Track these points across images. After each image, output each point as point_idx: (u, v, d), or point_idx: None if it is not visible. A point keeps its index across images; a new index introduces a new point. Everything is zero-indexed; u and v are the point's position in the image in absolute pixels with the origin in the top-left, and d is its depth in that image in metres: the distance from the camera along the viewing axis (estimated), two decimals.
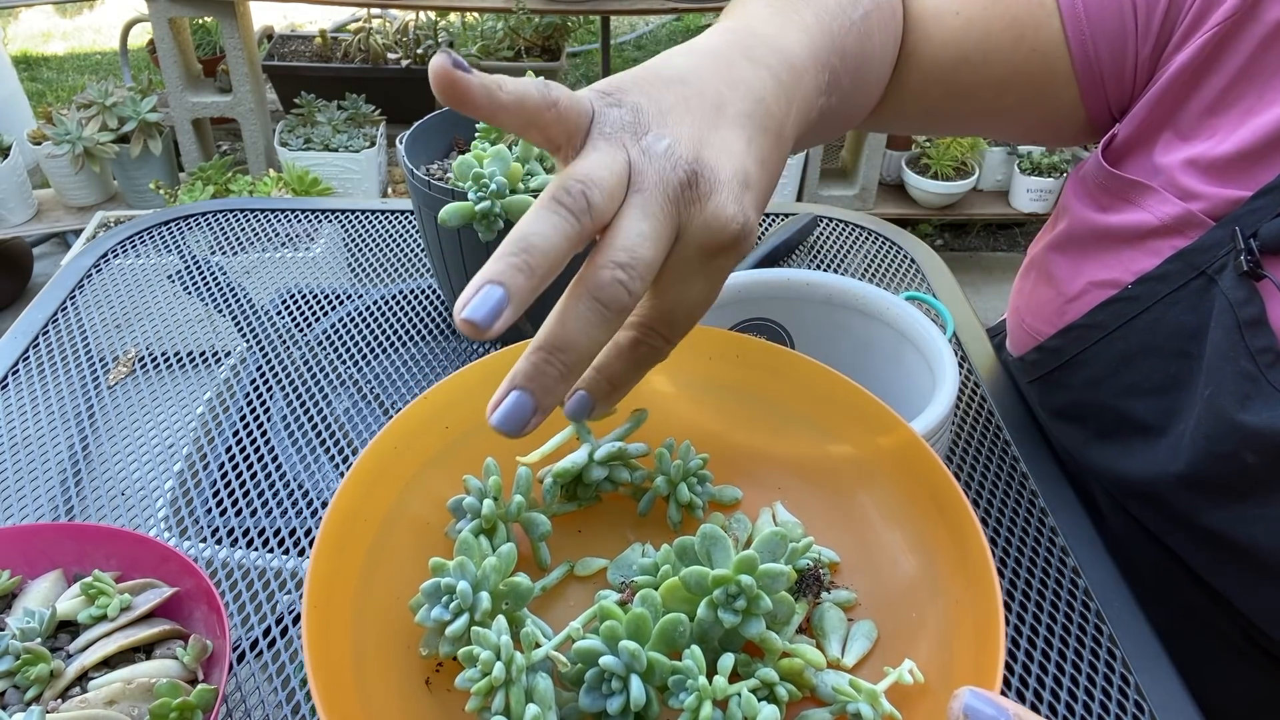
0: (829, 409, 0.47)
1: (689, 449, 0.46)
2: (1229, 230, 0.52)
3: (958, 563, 0.40)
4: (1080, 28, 0.56)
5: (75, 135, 2.18)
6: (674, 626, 0.37)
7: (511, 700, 0.35)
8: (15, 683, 0.47)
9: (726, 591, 0.37)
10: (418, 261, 0.91)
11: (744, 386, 0.49)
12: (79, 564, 0.54)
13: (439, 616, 0.37)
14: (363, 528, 0.43)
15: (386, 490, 0.44)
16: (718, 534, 0.39)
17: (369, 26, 2.59)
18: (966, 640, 0.38)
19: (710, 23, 2.80)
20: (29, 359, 0.78)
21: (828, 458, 0.47)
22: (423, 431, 0.46)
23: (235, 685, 0.54)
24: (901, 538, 0.44)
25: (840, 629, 0.42)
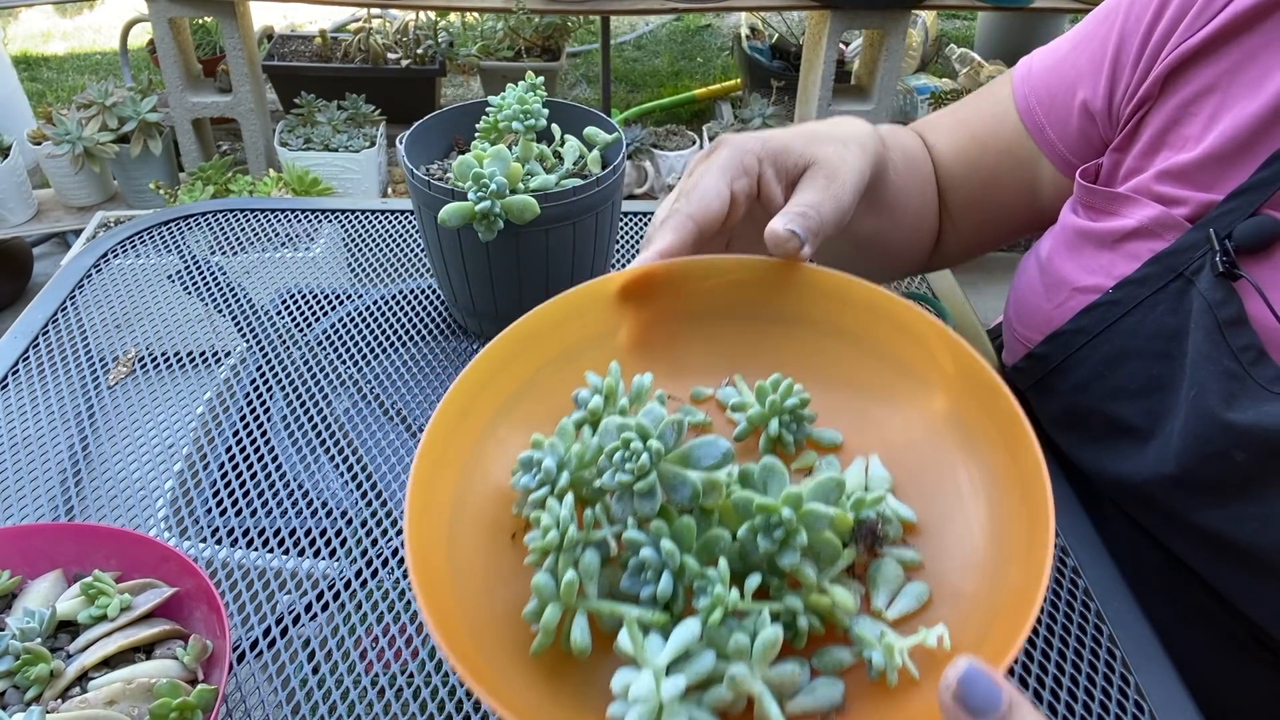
0: (949, 380, 0.47)
1: (790, 386, 0.47)
2: (1204, 233, 0.54)
3: (1024, 556, 0.41)
4: (1034, 118, 0.68)
5: (75, 135, 2.18)
6: (715, 540, 0.41)
7: (560, 564, 0.40)
8: (15, 683, 0.47)
9: (767, 519, 0.40)
10: (418, 261, 0.91)
11: (874, 340, 0.50)
12: (79, 564, 0.54)
13: (526, 484, 0.43)
14: (480, 414, 0.47)
15: (509, 380, 0.48)
16: (778, 467, 0.42)
17: (369, 26, 2.59)
18: (1005, 624, 0.38)
19: (710, 23, 2.80)
20: (29, 359, 0.78)
21: (937, 422, 0.47)
22: (559, 326, 0.50)
23: (235, 685, 0.54)
24: (983, 514, 0.44)
25: (893, 584, 0.43)
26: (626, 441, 0.41)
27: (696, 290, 0.51)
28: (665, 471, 0.42)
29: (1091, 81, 0.64)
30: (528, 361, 0.49)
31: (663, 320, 0.51)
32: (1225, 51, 0.56)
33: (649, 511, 0.41)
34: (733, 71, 3.36)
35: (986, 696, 0.33)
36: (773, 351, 0.51)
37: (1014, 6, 2.40)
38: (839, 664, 0.41)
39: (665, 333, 0.51)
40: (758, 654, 0.38)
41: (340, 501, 0.65)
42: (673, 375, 0.50)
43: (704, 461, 0.42)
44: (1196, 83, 0.57)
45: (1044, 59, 0.69)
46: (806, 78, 2.42)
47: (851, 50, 2.85)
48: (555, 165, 0.75)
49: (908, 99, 2.67)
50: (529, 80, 0.75)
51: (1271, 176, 0.52)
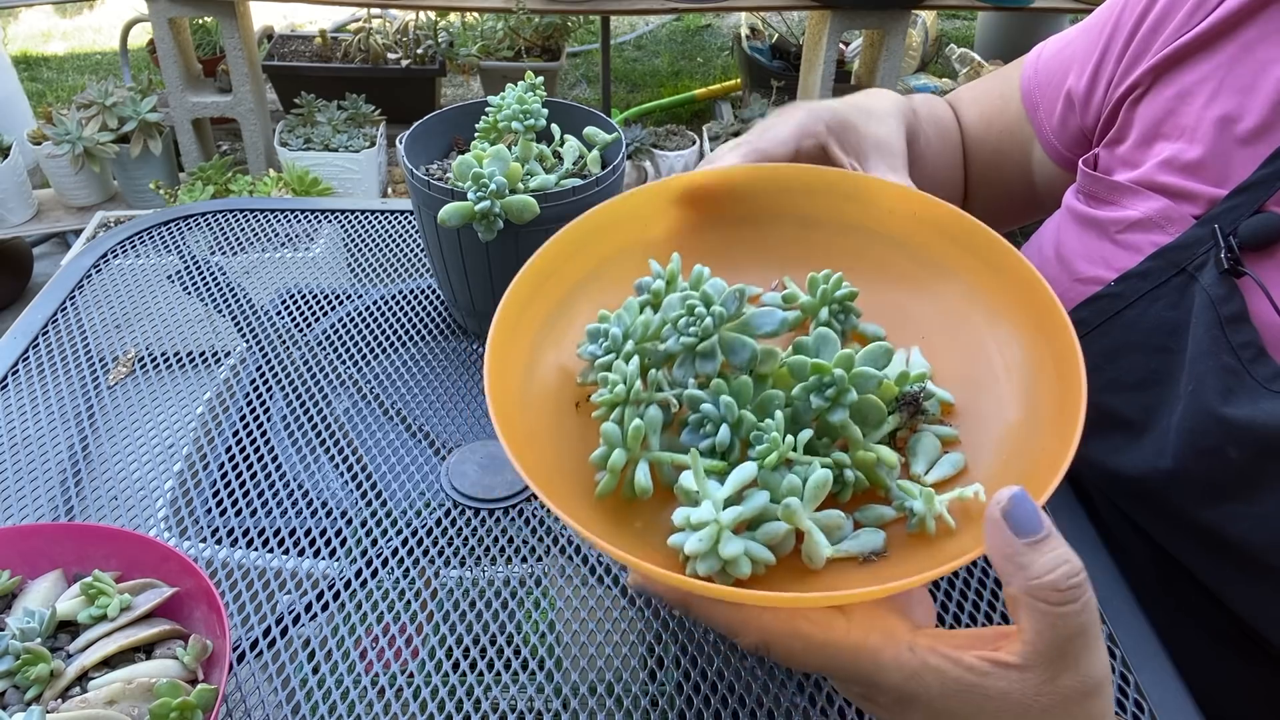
0: (983, 269, 0.50)
1: (839, 279, 0.49)
2: (1208, 228, 0.54)
3: (1055, 423, 0.43)
4: (1032, 100, 0.71)
5: (75, 135, 2.18)
6: (771, 399, 0.44)
7: (625, 417, 0.44)
8: (15, 683, 0.47)
9: (820, 380, 0.43)
10: (418, 261, 0.91)
11: (909, 240, 0.53)
12: (79, 564, 0.54)
13: (593, 351, 0.46)
14: (555, 285, 0.51)
15: (588, 257, 0.52)
16: (830, 336, 0.45)
17: (369, 26, 2.59)
18: (1038, 488, 0.40)
19: (709, 23, 2.81)
20: (29, 359, 0.78)
21: (974, 313, 0.50)
22: (626, 220, 0.53)
23: (235, 685, 0.54)
24: (1017, 391, 0.46)
25: (931, 454, 0.46)
26: (691, 307, 0.44)
27: (749, 197, 0.54)
28: (726, 335, 0.45)
29: (1079, 69, 0.65)
30: (589, 255, 0.53)
31: (716, 225, 0.55)
32: (1222, 45, 0.56)
33: (710, 371, 0.44)
34: (733, 71, 3.36)
35: (1030, 519, 0.36)
36: (821, 255, 0.53)
37: (1014, 6, 2.40)
38: (880, 518, 0.44)
39: (719, 237, 0.54)
40: (809, 493, 0.41)
41: (340, 501, 0.66)
42: (726, 276, 0.52)
43: (763, 328, 0.46)
44: (1192, 75, 0.57)
45: (1054, 44, 0.71)
46: (806, 78, 2.42)
47: (851, 50, 2.85)
48: (555, 165, 0.75)
49: None
50: (529, 80, 0.75)
51: (1275, 173, 0.52)
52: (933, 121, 0.74)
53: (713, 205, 0.55)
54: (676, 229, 0.55)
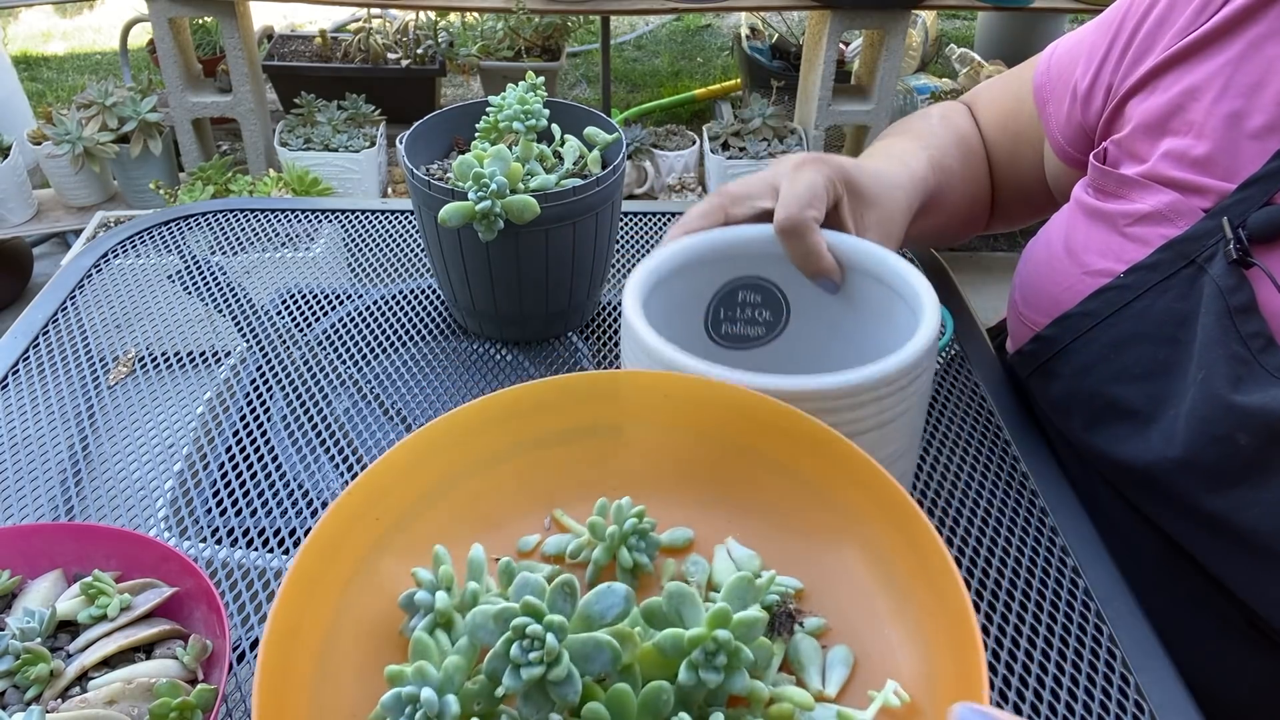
0: (766, 431, 0.45)
1: (620, 508, 0.44)
2: (1217, 221, 0.54)
3: (918, 569, 0.39)
4: (1042, 96, 0.72)
5: (75, 135, 2.18)
6: (657, 695, 0.36)
7: None
8: (15, 682, 0.47)
9: (705, 650, 0.36)
10: (418, 261, 0.91)
11: (688, 423, 0.47)
12: (79, 564, 0.54)
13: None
14: (305, 642, 0.39)
15: (325, 596, 0.41)
16: (684, 591, 0.38)
17: (369, 26, 2.59)
18: (944, 649, 0.37)
19: (709, 23, 2.81)
20: (29, 359, 0.78)
21: (773, 481, 0.46)
22: (354, 525, 0.43)
23: (235, 685, 0.54)
24: (860, 555, 0.43)
25: (817, 658, 0.41)
26: (521, 630, 0.35)
27: (493, 428, 0.47)
28: (574, 645, 0.36)
29: (1085, 64, 0.66)
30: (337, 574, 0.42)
31: (458, 471, 0.47)
32: (1229, 43, 0.56)
33: (573, 698, 0.35)
34: (733, 71, 3.36)
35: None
36: (588, 469, 0.48)
37: (1014, 6, 2.39)
38: None
39: (469, 484, 0.47)
40: None
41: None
42: (489, 528, 0.46)
43: (608, 615, 0.37)
44: (1200, 72, 0.57)
45: (1066, 41, 0.71)
46: (806, 78, 2.42)
47: (851, 50, 2.85)
48: (555, 165, 0.75)
49: (908, 99, 2.67)
50: (529, 80, 0.75)
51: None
52: (957, 141, 0.75)
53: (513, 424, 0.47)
54: (476, 459, 0.47)
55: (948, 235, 0.81)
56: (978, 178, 0.78)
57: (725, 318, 0.62)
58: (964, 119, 0.79)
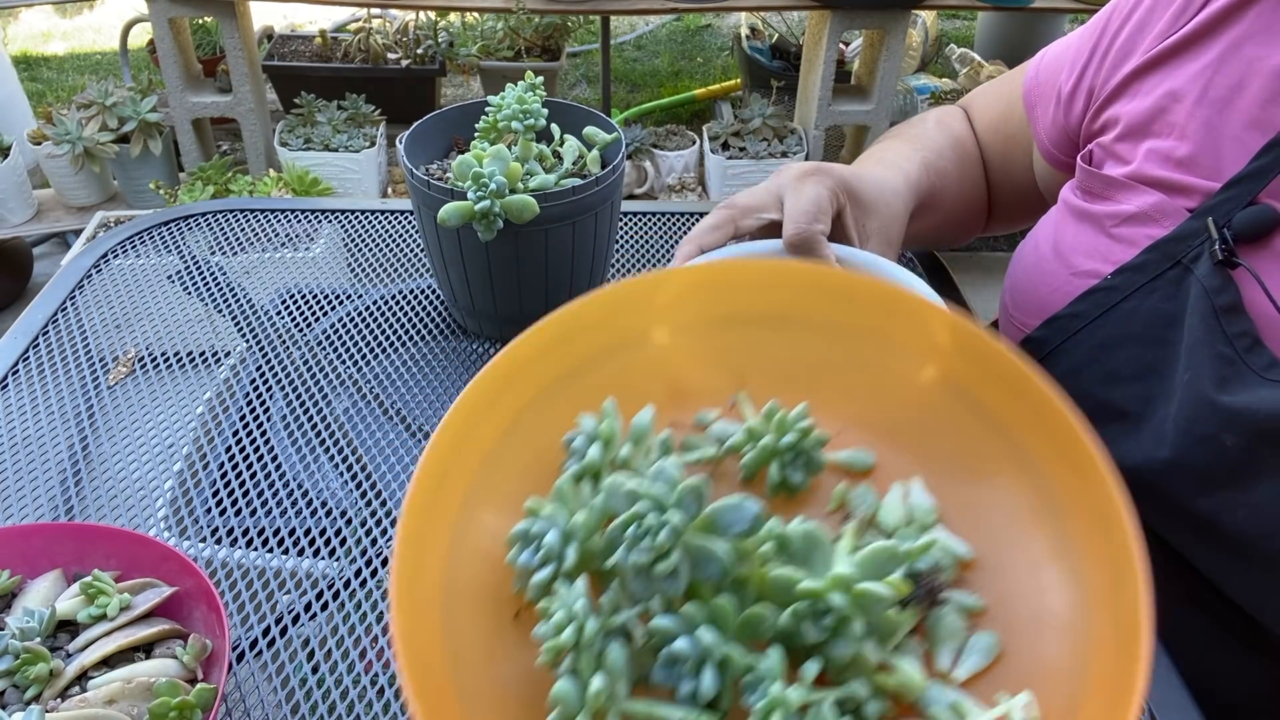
0: (996, 388, 0.42)
1: (785, 420, 0.41)
2: (1202, 221, 0.55)
3: (1108, 590, 0.35)
4: (1030, 100, 0.73)
5: (75, 135, 2.18)
6: (758, 621, 0.35)
7: (581, 665, 0.34)
8: (15, 682, 0.47)
9: (814, 606, 0.34)
10: (418, 261, 0.91)
11: (900, 344, 0.44)
12: (79, 564, 0.54)
13: (526, 562, 0.37)
14: (469, 455, 0.41)
15: (502, 413, 0.42)
16: (819, 539, 0.36)
17: (369, 26, 2.59)
18: (1102, 681, 0.34)
19: (709, 23, 2.81)
20: (29, 359, 0.78)
21: (983, 438, 0.42)
22: (536, 361, 0.44)
23: (235, 685, 0.54)
24: (1048, 544, 0.39)
25: (956, 638, 0.37)
26: (638, 516, 0.35)
27: (774, 289, 0.46)
28: (690, 546, 0.36)
29: (1070, 68, 0.67)
30: (509, 402, 0.43)
31: (728, 323, 0.46)
32: (1209, 44, 0.57)
33: (674, 593, 0.35)
34: (733, 71, 3.36)
35: None
36: (785, 359, 0.46)
37: (1014, 6, 2.39)
38: None
39: (723, 340, 0.46)
40: None
41: (340, 501, 0.66)
42: (676, 397, 0.45)
43: (732, 528, 0.36)
44: (1182, 74, 0.58)
45: (1056, 46, 0.73)
46: (806, 78, 2.42)
47: (851, 50, 2.85)
48: (555, 165, 0.75)
49: (908, 99, 2.67)
50: (528, 80, 0.75)
51: (1267, 165, 0.53)
52: (952, 144, 0.76)
53: (730, 296, 0.47)
54: (680, 322, 0.46)
55: (946, 236, 0.82)
56: (973, 180, 0.79)
57: None
58: (959, 122, 0.80)
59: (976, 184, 0.79)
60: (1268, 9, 0.55)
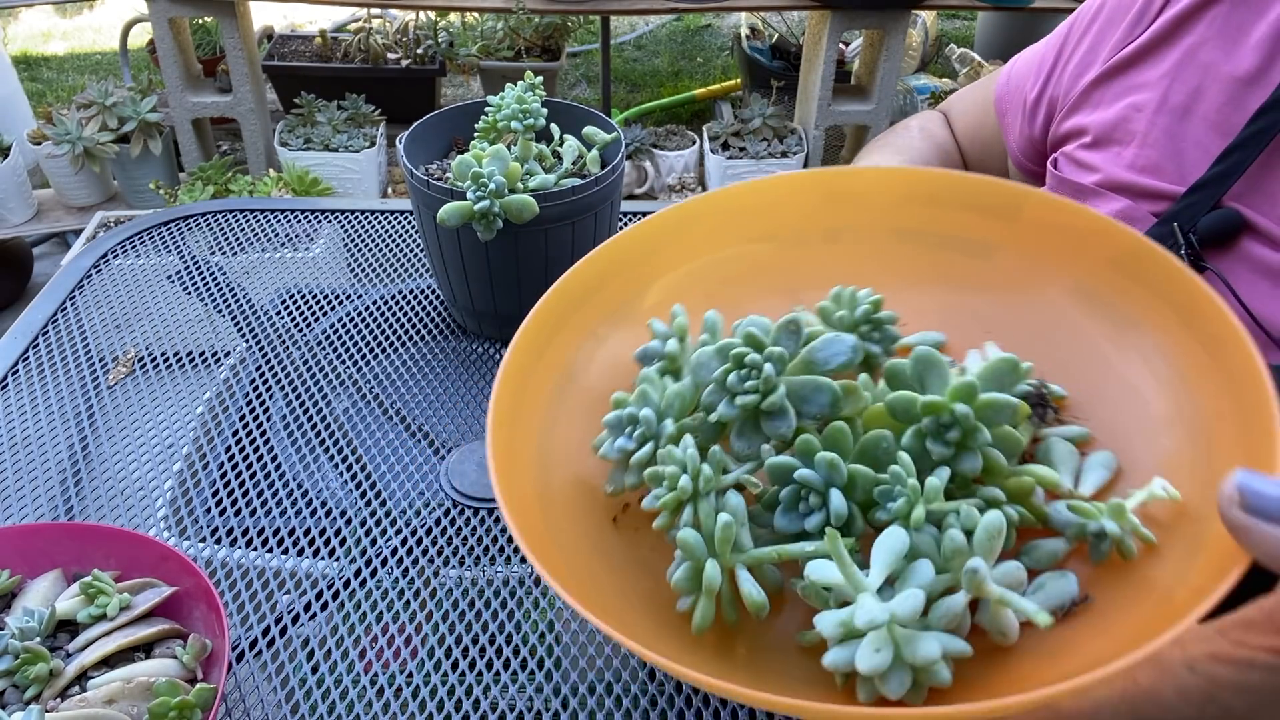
0: (1027, 229, 0.42)
1: (855, 296, 0.40)
2: (1169, 226, 0.56)
3: (1213, 371, 0.35)
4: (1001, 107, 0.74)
5: (75, 135, 2.18)
6: (877, 443, 0.34)
7: (701, 514, 0.33)
8: (14, 682, 0.47)
9: (938, 421, 0.33)
10: (417, 261, 0.91)
11: (930, 227, 0.44)
12: (79, 564, 0.54)
13: (623, 446, 0.36)
14: (540, 381, 0.41)
15: (567, 341, 0.42)
16: (935, 358, 0.34)
17: (369, 26, 2.59)
18: (1232, 450, 0.33)
19: (710, 23, 2.81)
20: (29, 359, 0.78)
21: (1038, 285, 0.42)
22: (603, 282, 0.44)
23: (234, 684, 0.54)
24: (1140, 360, 0.38)
25: (1071, 460, 0.36)
26: (740, 358, 0.34)
27: (743, 215, 0.47)
28: (792, 383, 0.35)
29: (1035, 77, 0.69)
30: (577, 326, 0.43)
31: (794, 241, 0.46)
32: (1166, 53, 0.59)
33: (785, 432, 0.34)
34: (733, 71, 3.36)
35: (1277, 497, 0.29)
36: (835, 268, 0.45)
37: (1014, 6, 2.39)
38: (1054, 555, 0.34)
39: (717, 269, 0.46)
40: (983, 548, 0.31)
41: (340, 501, 0.66)
42: (729, 310, 0.44)
43: (832, 361, 0.36)
44: (1140, 82, 0.60)
45: (1025, 54, 0.74)
46: (806, 78, 2.42)
47: (851, 50, 2.85)
48: (554, 165, 0.75)
49: (908, 99, 2.67)
50: (528, 80, 0.75)
51: (1229, 169, 0.54)
52: (936, 151, 0.78)
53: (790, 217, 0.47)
54: (744, 247, 0.46)
55: None
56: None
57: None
58: (941, 129, 0.82)
59: None
60: (1220, 15, 0.56)
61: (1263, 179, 0.53)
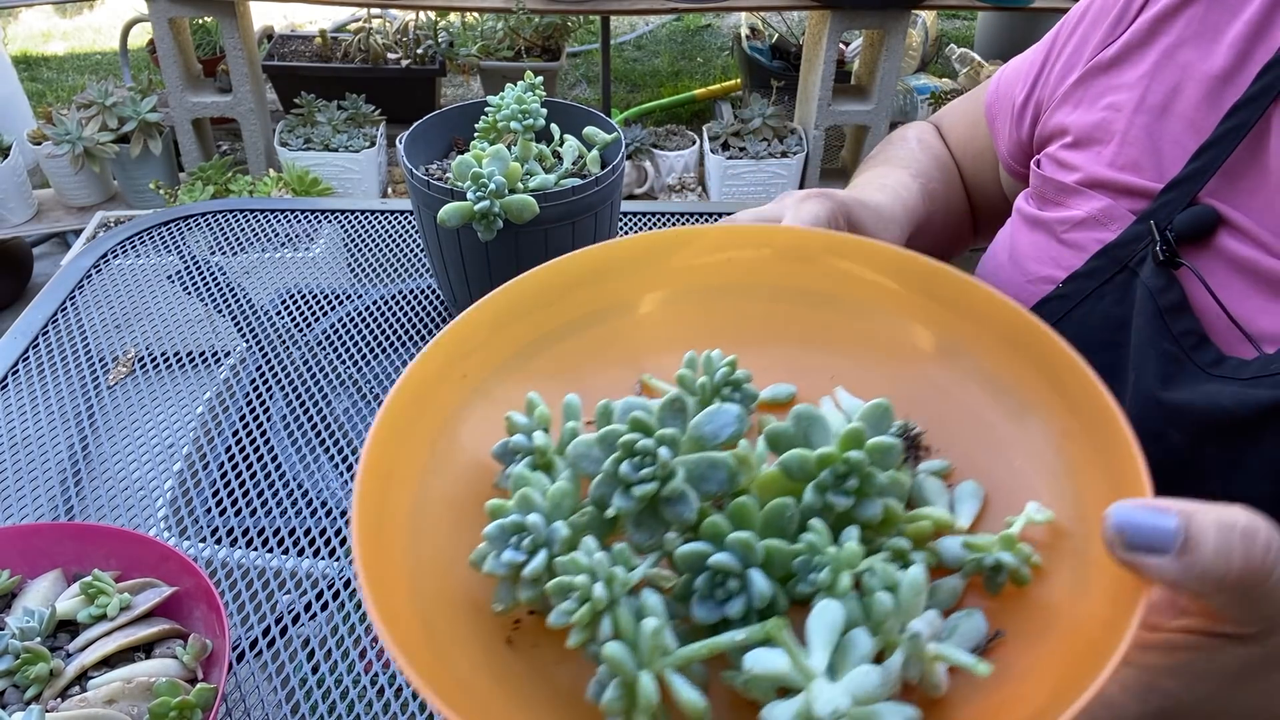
0: (866, 281, 0.43)
1: (710, 359, 0.41)
2: (1146, 225, 0.57)
3: (1053, 390, 0.36)
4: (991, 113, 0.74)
5: (75, 135, 2.18)
6: (781, 512, 0.33)
7: (621, 620, 0.31)
8: (15, 682, 0.47)
9: (834, 472, 0.33)
10: (417, 261, 0.91)
11: (769, 279, 0.46)
12: (79, 564, 0.54)
13: (511, 559, 0.33)
14: (399, 494, 0.37)
15: (415, 452, 0.39)
16: (814, 412, 0.35)
17: (369, 26, 2.59)
18: (1092, 466, 0.34)
19: (710, 23, 2.81)
20: (29, 359, 0.78)
21: (878, 332, 0.43)
22: (439, 381, 0.41)
23: (235, 684, 0.54)
24: (982, 394, 0.40)
25: (943, 496, 0.38)
26: (630, 446, 0.33)
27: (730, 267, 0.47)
28: (686, 464, 0.34)
29: (1024, 81, 0.70)
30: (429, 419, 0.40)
31: (544, 334, 0.45)
32: (1145, 54, 0.59)
33: (689, 516, 0.33)
34: (733, 71, 3.36)
35: (1155, 533, 0.30)
36: (676, 330, 0.46)
37: (1014, 6, 2.39)
38: (955, 594, 0.35)
39: (556, 348, 0.46)
40: (910, 605, 0.31)
41: (340, 501, 0.66)
42: (578, 391, 0.44)
43: (721, 435, 0.35)
44: (1121, 83, 0.60)
45: (1015, 60, 0.75)
46: (806, 78, 2.42)
47: (851, 50, 2.85)
48: (554, 165, 0.75)
49: (908, 99, 2.67)
50: (528, 80, 0.75)
51: (1203, 166, 0.55)
52: (937, 164, 0.78)
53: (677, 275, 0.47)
54: (649, 307, 0.46)
55: (939, 252, 0.84)
56: (958, 197, 0.82)
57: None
58: (936, 139, 0.83)
59: (961, 201, 0.82)
60: (1198, 14, 0.57)
61: (1237, 175, 0.54)
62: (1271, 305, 0.52)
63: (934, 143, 0.81)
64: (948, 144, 0.82)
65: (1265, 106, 0.52)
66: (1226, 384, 0.52)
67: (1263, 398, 0.50)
